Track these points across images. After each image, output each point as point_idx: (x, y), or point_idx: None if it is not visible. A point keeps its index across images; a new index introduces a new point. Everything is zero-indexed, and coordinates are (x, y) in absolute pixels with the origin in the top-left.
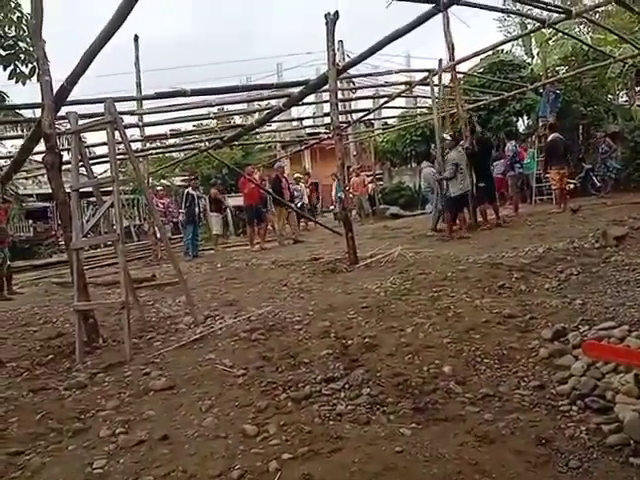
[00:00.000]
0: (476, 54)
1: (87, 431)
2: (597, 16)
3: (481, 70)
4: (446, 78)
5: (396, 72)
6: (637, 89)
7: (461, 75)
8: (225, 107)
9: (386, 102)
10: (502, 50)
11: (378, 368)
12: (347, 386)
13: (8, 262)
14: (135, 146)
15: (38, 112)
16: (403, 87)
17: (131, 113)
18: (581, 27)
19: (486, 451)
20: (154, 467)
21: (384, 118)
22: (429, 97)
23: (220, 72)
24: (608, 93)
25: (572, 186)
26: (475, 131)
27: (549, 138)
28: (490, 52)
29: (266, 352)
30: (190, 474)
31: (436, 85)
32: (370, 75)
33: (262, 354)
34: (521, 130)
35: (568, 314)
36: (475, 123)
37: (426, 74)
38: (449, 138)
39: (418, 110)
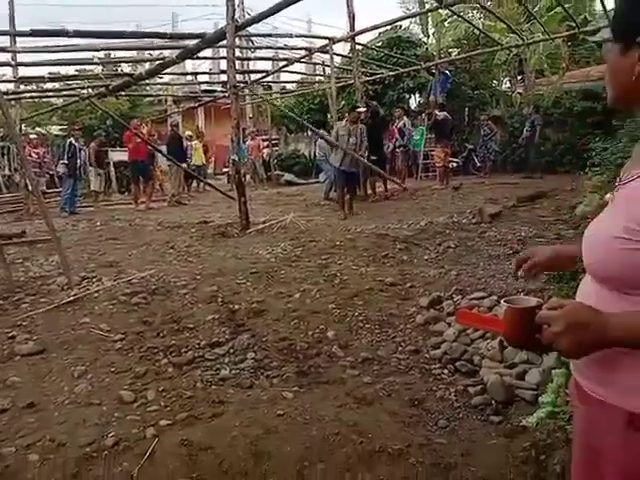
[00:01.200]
0: (375, 27)
1: None
2: (489, 3)
3: (380, 44)
4: (346, 48)
5: (296, 36)
6: (519, 77)
7: (360, 47)
8: (113, 53)
9: (285, 66)
10: (400, 26)
11: (264, 333)
12: (232, 351)
13: None
14: (6, 87)
15: None
16: (303, 52)
17: (2, 50)
18: (475, 12)
19: (364, 412)
20: (18, 437)
21: (282, 82)
22: (328, 65)
23: (110, 16)
24: (494, 79)
25: (455, 165)
26: (370, 105)
27: (439, 117)
28: (389, 27)
29: (147, 317)
30: (58, 443)
31: (336, 54)
32: (269, 36)
33: (143, 319)
34: (412, 107)
35: (444, 284)
36: (367, 98)
37: (326, 42)
38: (361, 111)
39: (317, 78)
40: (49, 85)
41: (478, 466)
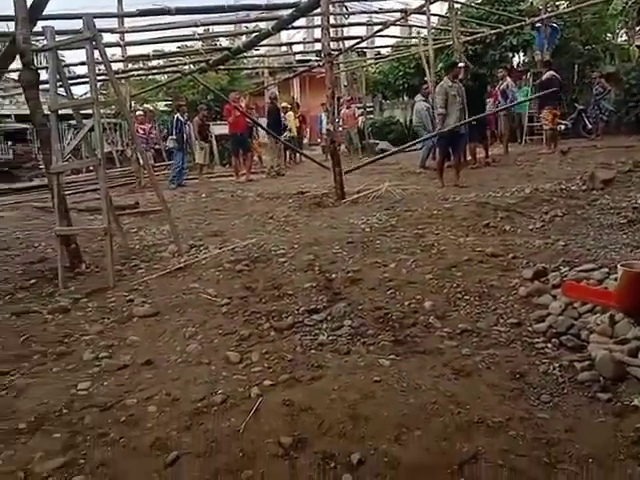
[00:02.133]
0: None
1: (71, 354)
2: None
3: (479, 1)
4: (443, 8)
5: None
6: (637, 29)
7: (458, 5)
8: (211, 28)
9: (380, 30)
10: None
11: (360, 301)
12: (329, 318)
13: None
14: (116, 67)
15: (10, 26)
16: (398, 15)
17: (112, 31)
18: None
19: (462, 384)
20: (137, 390)
21: (377, 47)
22: (425, 27)
23: None
24: (607, 32)
25: (563, 127)
26: (468, 65)
27: (544, 76)
28: None
29: (250, 283)
30: (173, 397)
31: (433, 15)
32: (364, 0)
33: (246, 284)
34: (516, 66)
35: (550, 255)
36: (465, 59)
37: (422, 2)
38: (461, 65)
39: (413, 40)
40: (154, 62)
41: (583, 444)
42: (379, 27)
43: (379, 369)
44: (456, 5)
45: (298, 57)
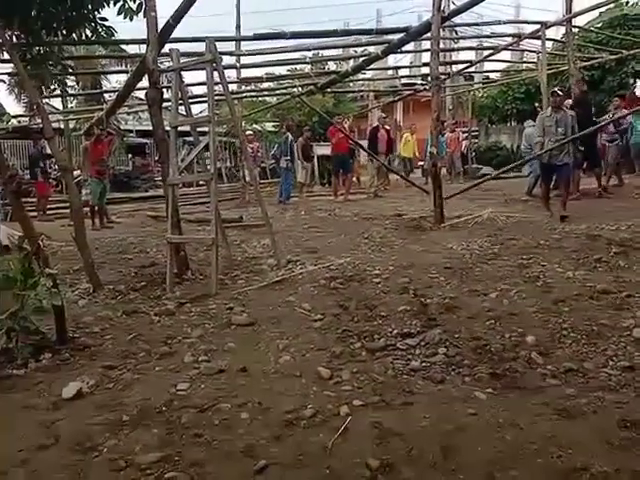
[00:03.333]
0: (596, 7)
1: (173, 355)
2: None
3: (599, 25)
4: (559, 32)
5: (504, 22)
6: None
7: (576, 30)
8: (320, 52)
9: (491, 55)
10: (627, 2)
11: (456, 330)
12: (423, 343)
13: (107, 194)
14: (231, 88)
15: (142, 48)
16: (510, 39)
17: (230, 54)
18: None
19: (564, 426)
20: (232, 396)
21: (486, 72)
22: (538, 52)
23: (317, 16)
24: None
25: None
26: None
27: None
28: (612, 5)
29: (344, 301)
30: (265, 407)
31: (548, 39)
32: (475, 25)
33: (340, 302)
34: (638, 94)
35: None
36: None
37: (537, 26)
38: (560, 94)
39: (524, 65)
40: (265, 85)
41: None
42: (490, 52)
43: (474, 402)
44: (573, 29)
45: (403, 80)
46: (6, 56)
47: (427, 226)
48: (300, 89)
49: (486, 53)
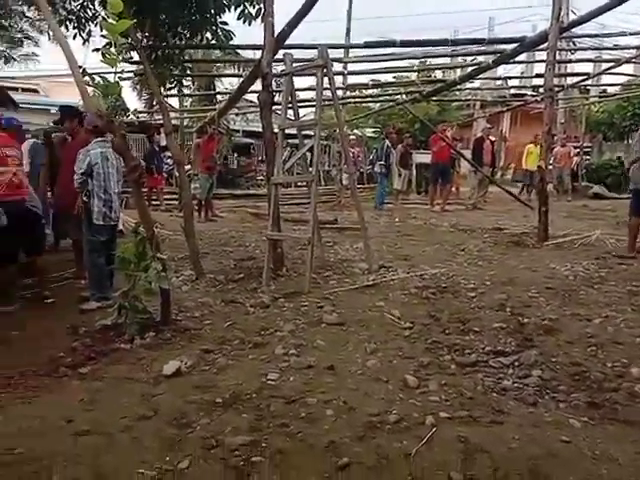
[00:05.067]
0: None
1: (265, 346)
2: None
3: None
4: None
5: (630, 34)
6: None
7: None
8: (428, 60)
9: (613, 67)
10: None
11: (554, 353)
12: (517, 363)
13: (214, 189)
14: (338, 93)
15: (255, 54)
16: (635, 52)
17: (339, 61)
18: None
19: None
20: (318, 392)
21: (603, 85)
22: None
23: (426, 23)
24: None
25: None
26: None
27: None
28: None
29: (435, 312)
30: (350, 406)
31: None
32: (596, 36)
33: (431, 313)
34: None
35: None
36: None
37: None
38: None
39: None
40: (369, 91)
41: None
42: (610, 64)
43: (568, 429)
44: None
45: (512, 91)
46: (135, 56)
47: (529, 243)
48: (404, 96)
49: (605, 65)
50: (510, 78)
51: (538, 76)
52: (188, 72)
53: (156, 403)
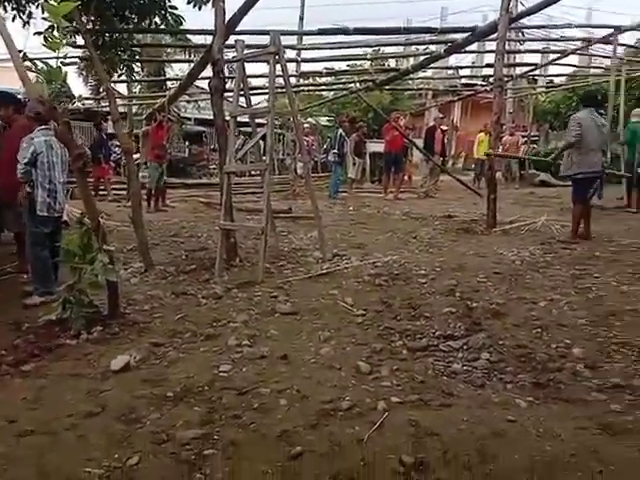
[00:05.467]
0: None
1: (217, 338)
2: None
3: None
4: (634, 37)
5: (576, 26)
6: None
7: None
8: (381, 49)
9: (559, 58)
10: None
11: (501, 336)
12: (465, 347)
13: (165, 178)
14: (290, 81)
15: (207, 39)
16: (580, 44)
17: (292, 47)
18: None
19: (607, 441)
20: (272, 381)
21: (550, 76)
22: (608, 57)
23: (379, 12)
24: None
25: None
26: None
27: None
28: None
29: (387, 298)
30: (303, 395)
31: (620, 44)
32: (544, 27)
33: (383, 299)
34: None
35: None
36: None
37: (610, 31)
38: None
39: (591, 71)
40: (323, 79)
41: None
42: (557, 55)
43: (515, 409)
44: None
45: (464, 80)
46: (79, 41)
47: (478, 230)
48: (358, 85)
49: (552, 56)
50: (461, 68)
51: (488, 66)
52: (137, 57)
53: (103, 399)
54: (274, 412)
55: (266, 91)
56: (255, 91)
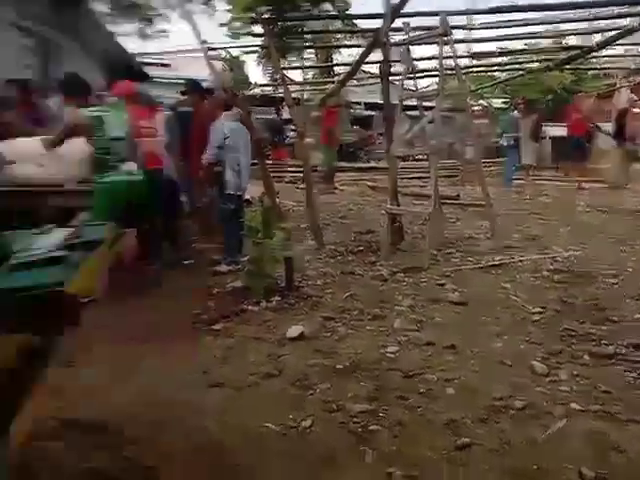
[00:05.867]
0: None
1: (384, 319)
2: None
3: None
4: None
5: None
6: None
7: None
8: (560, 26)
9: None
10: None
11: None
12: None
13: (335, 161)
14: (461, 62)
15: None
16: None
17: (462, 27)
18: None
19: None
20: (438, 369)
21: None
22: None
23: None
24: None
25: None
26: None
27: None
28: None
29: (568, 297)
30: (472, 387)
31: None
32: None
33: (563, 298)
34: None
35: None
36: None
37: None
38: None
39: None
40: (496, 60)
41: None
42: None
43: None
44: None
45: None
46: (257, 29)
47: None
48: (535, 65)
49: None
50: None
51: None
52: (307, 44)
53: (281, 363)
54: (440, 400)
55: (435, 73)
56: (425, 74)
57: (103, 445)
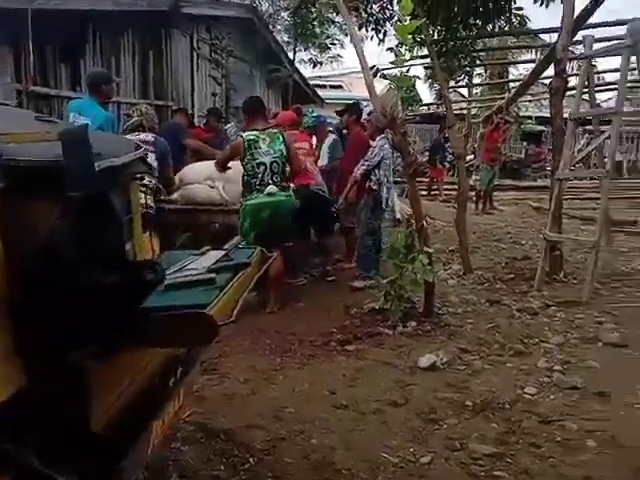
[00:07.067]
0: None
1: (527, 356)
2: None
3: None
4: None
5: None
6: None
7: None
8: None
9: None
10: None
11: None
12: None
13: (495, 180)
14: None
15: (551, 38)
16: None
17: None
18: None
19: None
20: (581, 418)
21: None
22: None
23: None
24: None
25: None
26: None
27: None
28: None
29: None
30: (618, 443)
31: None
32: None
33: None
34: None
35: None
36: None
37: None
38: None
39: None
40: None
41: None
42: None
43: None
44: None
45: None
46: (424, 51)
47: None
48: None
49: None
50: None
51: None
52: (478, 62)
53: (408, 392)
54: (578, 452)
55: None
56: (606, 87)
57: (230, 454)
